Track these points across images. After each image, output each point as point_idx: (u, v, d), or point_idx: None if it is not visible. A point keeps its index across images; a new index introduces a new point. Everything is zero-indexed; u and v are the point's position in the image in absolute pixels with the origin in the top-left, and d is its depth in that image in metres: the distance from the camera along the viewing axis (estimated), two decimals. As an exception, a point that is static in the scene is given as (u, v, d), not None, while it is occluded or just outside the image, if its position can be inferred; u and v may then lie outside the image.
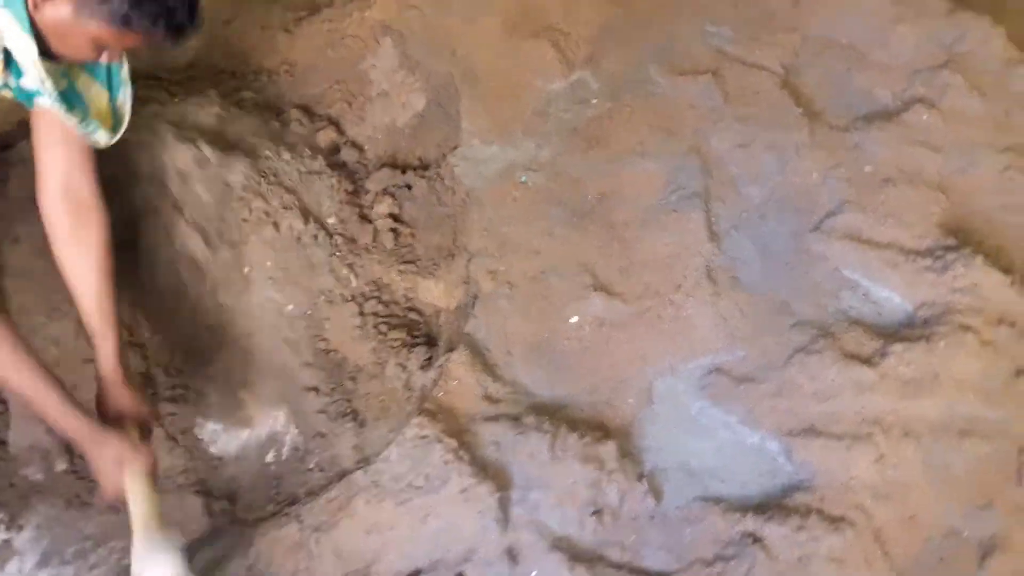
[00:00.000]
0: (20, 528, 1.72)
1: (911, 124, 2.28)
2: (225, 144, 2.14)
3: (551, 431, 1.76)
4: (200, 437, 1.98)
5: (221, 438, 1.99)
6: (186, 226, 2.05)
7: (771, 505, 1.69)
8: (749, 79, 2.39)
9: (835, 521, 1.65)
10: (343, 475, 1.85)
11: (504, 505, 1.68)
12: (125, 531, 1.63)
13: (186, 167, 2.05)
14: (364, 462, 1.85)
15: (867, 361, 1.83)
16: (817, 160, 2.22)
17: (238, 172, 2.12)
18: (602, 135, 2.33)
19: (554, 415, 1.83)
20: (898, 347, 1.84)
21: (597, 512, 1.68)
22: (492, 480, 1.69)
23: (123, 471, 1.52)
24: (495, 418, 1.80)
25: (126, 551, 1.69)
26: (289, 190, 2.23)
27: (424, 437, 1.72)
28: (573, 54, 2.52)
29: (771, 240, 2.11)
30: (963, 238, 2.07)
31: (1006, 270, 1.98)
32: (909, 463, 1.73)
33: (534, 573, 1.62)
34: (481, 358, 1.92)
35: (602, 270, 2.07)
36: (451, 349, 2.00)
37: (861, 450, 1.73)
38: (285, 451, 2.02)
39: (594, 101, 2.43)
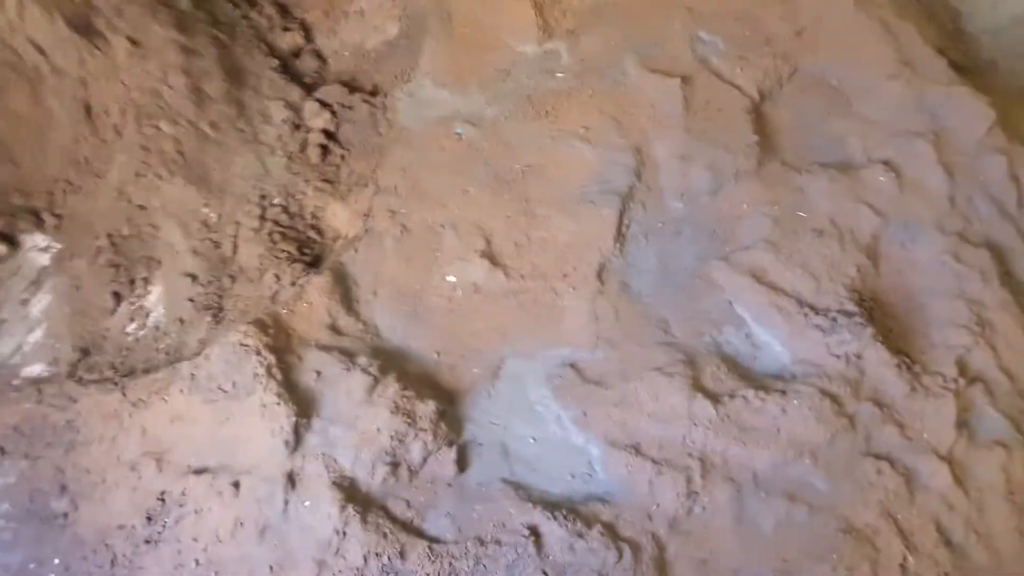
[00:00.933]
0: None
1: (865, 182, 2.19)
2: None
3: (376, 375, 1.74)
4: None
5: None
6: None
7: (564, 506, 1.66)
8: (718, 95, 2.32)
9: (620, 540, 1.61)
10: (178, 362, 1.85)
11: (299, 431, 1.67)
12: None
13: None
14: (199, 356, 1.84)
15: (715, 398, 1.78)
16: (752, 192, 2.15)
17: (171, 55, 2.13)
18: (553, 110, 2.28)
19: (390, 362, 1.81)
20: (750, 393, 1.78)
21: (394, 464, 1.66)
22: (296, 404, 1.68)
23: None
24: (328, 349, 1.78)
25: None
26: (230, 82, 2.23)
27: (244, 345, 1.71)
28: (555, 23, 2.46)
29: (675, 257, 2.05)
30: (870, 309, 1.99)
31: (899, 352, 1.90)
32: (719, 508, 1.68)
33: (307, 503, 1.60)
34: (343, 290, 1.90)
35: (499, 240, 2.03)
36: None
37: (674, 480, 1.69)
38: (146, 327, 2.03)
39: (559, 75, 2.37)
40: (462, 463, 1.73)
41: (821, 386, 1.82)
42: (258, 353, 1.72)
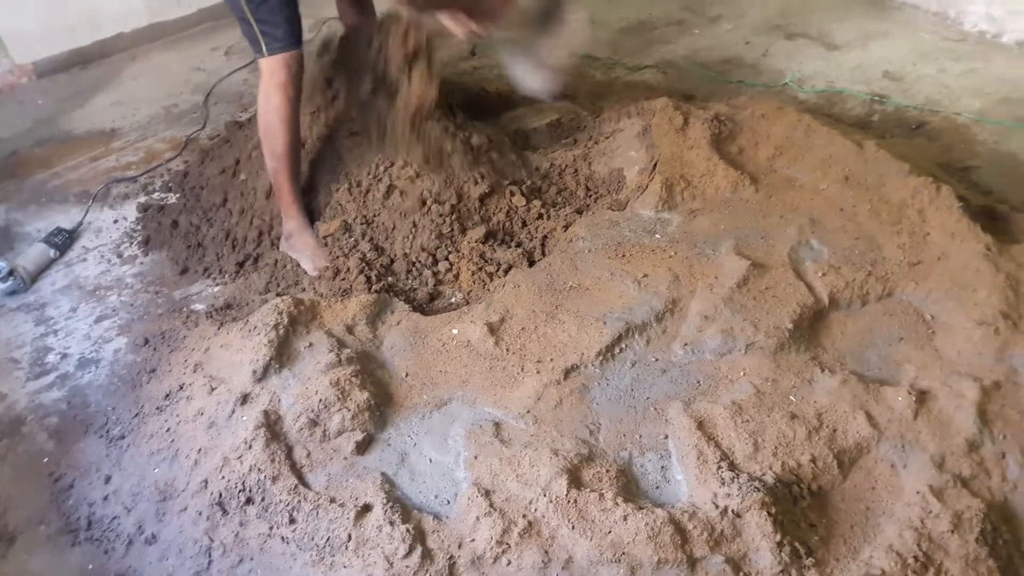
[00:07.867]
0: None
1: (879, 397, 2.18)
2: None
3: (342, 361, 2.24)
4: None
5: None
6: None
7: (404, 503, 1.95)
8: (783, 286, 2.46)
9: (422, 545, 1.85)
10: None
11: (268, 370, 2.22)
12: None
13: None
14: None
15: (576, 485, 1.93)
16: (757, 366, 2.25)
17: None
18: (630, 256, 2.63)
19: (365, 363, 2.29)
20: (610, 494, 1.91)
21: (313, 422, 2.11)
22: (277, 353, 2.25)
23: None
24: (331, 336, 2.33)
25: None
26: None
27: (276, 307, 2.34)
28: (680, 201, 2.84)
29: (648, 387, 2.23)
30: (795, 494, 1.97)
31: (796, 538, 1.87)
32: (523, 569, 1.81)
33: (244, 417, 2.13)
34: (377, 311, 2.46)
35: (511, 321, 2.40)
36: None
37: (495, 525, 1.86)
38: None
39: (657, 236, 2.73)
40: (362, 448, 2.11)
41: (674, 516, 1.86)
42: (279, 314, 2.33)
